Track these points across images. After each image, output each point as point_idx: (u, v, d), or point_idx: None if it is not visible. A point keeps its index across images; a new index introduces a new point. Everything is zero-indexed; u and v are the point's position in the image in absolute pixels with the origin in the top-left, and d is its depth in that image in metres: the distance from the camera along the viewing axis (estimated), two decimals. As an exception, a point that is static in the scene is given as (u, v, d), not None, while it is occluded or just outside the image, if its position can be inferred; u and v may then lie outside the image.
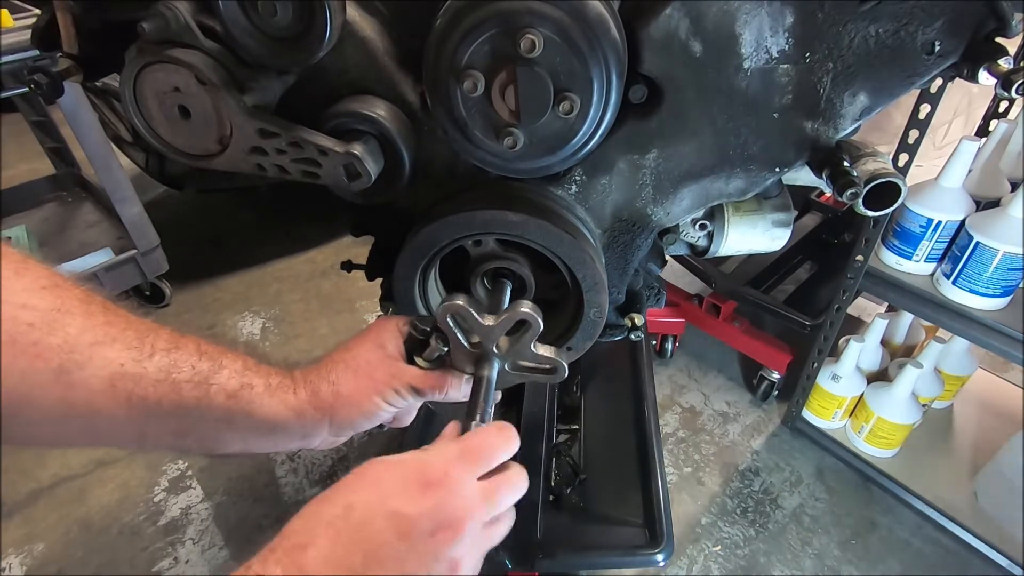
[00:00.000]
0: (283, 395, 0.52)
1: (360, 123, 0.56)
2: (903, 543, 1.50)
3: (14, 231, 1.91)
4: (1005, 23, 0.49)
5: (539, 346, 0.55)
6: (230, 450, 0.52)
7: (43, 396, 0.41)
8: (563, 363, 0.55)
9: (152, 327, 0.47)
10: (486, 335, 0.54)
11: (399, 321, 0.60)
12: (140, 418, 0.45)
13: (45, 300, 0.41)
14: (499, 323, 0.52)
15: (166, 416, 0.46)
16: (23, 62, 1.42)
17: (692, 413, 1.84)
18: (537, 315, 0.52)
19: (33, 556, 1.44)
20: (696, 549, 1.47)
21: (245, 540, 1.49)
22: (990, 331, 1.22)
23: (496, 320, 0.52)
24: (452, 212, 0.59)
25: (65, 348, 0.41)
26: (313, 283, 2.36)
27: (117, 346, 0.44)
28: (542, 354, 0.55)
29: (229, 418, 0.49)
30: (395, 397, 0.56)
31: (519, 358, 0.55)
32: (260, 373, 0.52)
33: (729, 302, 1.81)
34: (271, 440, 0.53)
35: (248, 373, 0.51)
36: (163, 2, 0.48)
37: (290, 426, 0.53)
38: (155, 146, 0.55)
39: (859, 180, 0.53)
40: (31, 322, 0.40)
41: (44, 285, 0.42)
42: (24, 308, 0.40)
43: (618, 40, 0.49)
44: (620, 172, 0.63)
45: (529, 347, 0.54)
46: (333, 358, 0.56)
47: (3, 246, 0.41)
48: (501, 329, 0.53)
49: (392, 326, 0.59)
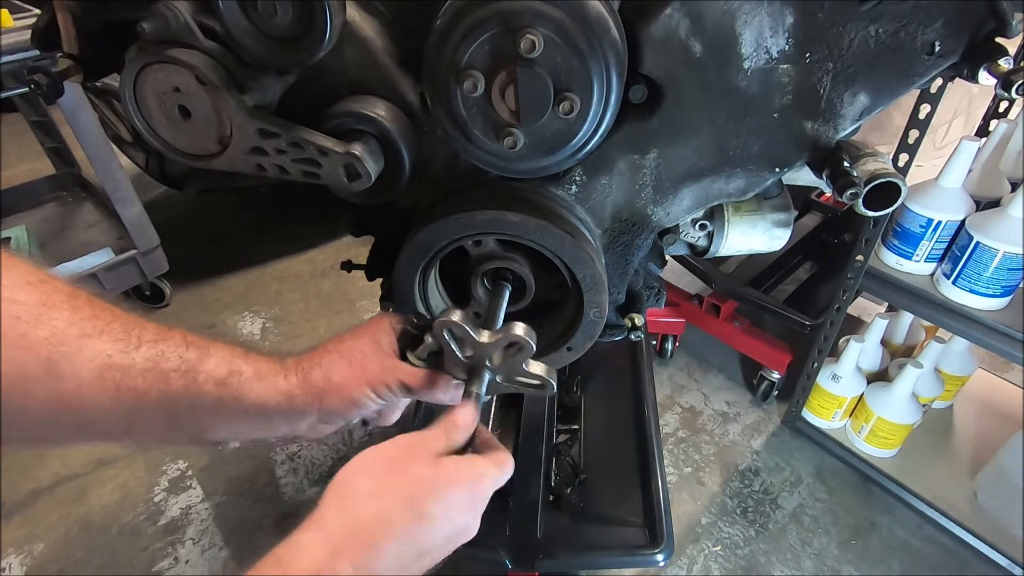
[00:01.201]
0: (273, 380, 0.52)
1: (360, 123, 0.56)
2: (903, 543, 1.50)
3: (14, 231, 1.91)
4: (1005, 23, 0.49)
5: (531, 364, 0.56)
6: (218, 437, 0.52)
7: (33, 390, 0.41)
8: (552, 381, 0.57)
9: (138, 320, 0.47)
10: (480, 350, 0.54)
11: (395, 319, 0.60)
12: (129, 409, 0.45)
13: (31, 295, 0.42)
14: (494, 342, 0.53)
15: (155, 406, 0.46)
16: (23, 62, 1.42)
17: (692, 413, 1.84)
18: (531, 338, 0.53)
19: (33, 556, 1.44)
20: (696, 549, 1.47)
21: (245, 540, 1.49)
22: (990, 331, 1.22)
23: (491, 338, 0.53)
24: (452, 212, 0.59)
25: (53, 340, 0.41)
26: (313, 283, 2.36)
27: (104, 338, 0.44)
28: (533, 372, 0.56)
29: (218, 405, 0.49)
30: (385, 391, 0.55)
31: (511, 373, 0.56)
32: (249, 360, 0.52)
33: (729, 302, 1.81)
34: (260, 426, 0.53)
35: (236, 360, 0.51)
36: (163, 2, 0.48)
37: (280, 411, 0.52)
38: (155, 146, 0.55)
39: (859, 180, 0.53)
40: (18, 315, 0.40)
41: (29, 281, 0.42)
42: (11, 303, 0.40)
43: (618, 40, 0.49)
44: (620, 172, 0.63)
45: (521, 365, 0.55)
46: (327, 347, 0.56)
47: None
48: (495, 347, 0.54)
49: (388, 323, 0.59)
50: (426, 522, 0.43)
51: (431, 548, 0.44)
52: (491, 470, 0.48)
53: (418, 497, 0.43)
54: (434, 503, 0.43)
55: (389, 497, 0.42)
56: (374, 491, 0.43)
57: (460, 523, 0.45)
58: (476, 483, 0.46)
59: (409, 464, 0.45)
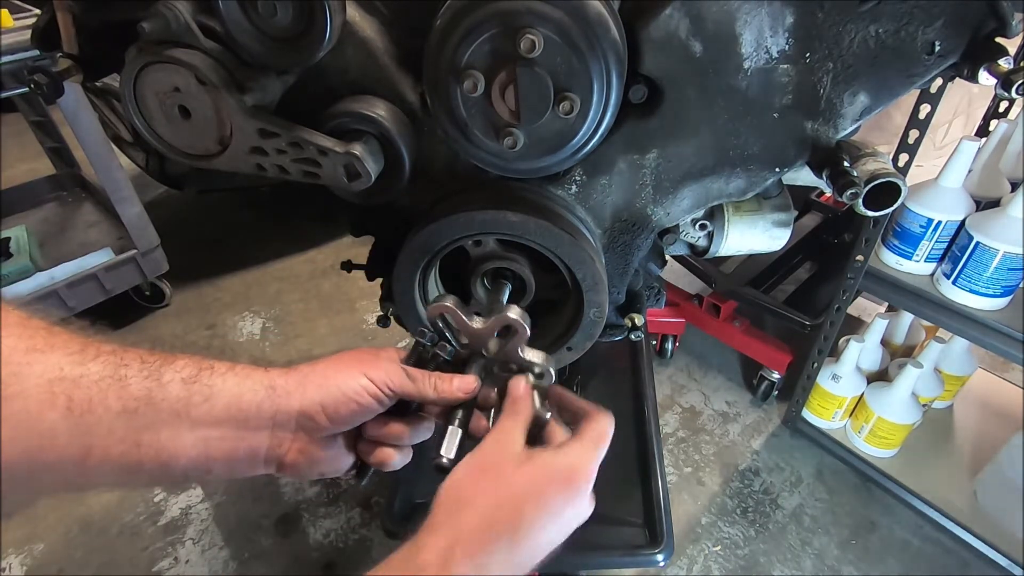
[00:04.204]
0: (249, 372, 0.47)
1: (360, 123, 0.56)
2: (903, 543, 1.50)
3: (14, 231, 1.90)
4: (1005, 23, 0.49)
5: (528, 351, 0.54)
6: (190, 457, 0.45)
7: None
8: (551, 370, 0.55)
9: (98, 340, 0.43)
10: (474, 337, 0.54)
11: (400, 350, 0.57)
12: (83, 428, 0.40)
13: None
14: (486, 326, 0.53)
15: (112, 420, 0.41)
16: (23, 62, 1.42)
17: (692, 413, 1.84)
18: (524, 321, 0.51)
19: (33, 556, 1.44)
20: (696, 549, 1.47)
21: (245, 540, 1.49)
22: (990, 331, 1.22)
23: (483, 323, 0.53)
24: (452, 212, 0.59)
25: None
26: (313, 283, 2.36)
27: (57, 352, 0.40)
28: (530, 359, 0.54)
29: (186, 409, 0.44)
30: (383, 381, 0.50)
31: (507, 360, 0.55)
32: (222, 361, 0.47)
33: (729, 302, 1.81)
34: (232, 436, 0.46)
35: (208, 361, 0.47)
36: (163, 2, 0.48)
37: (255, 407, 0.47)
38: (155, 146, 0.55)
39: (859, 180, 0.53)
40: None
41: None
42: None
43: (618, 40, 0.49)
44: (620, 172, 0.63)
45: (517, 352, 0.54)
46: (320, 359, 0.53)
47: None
48: (489, 332, 0.53)
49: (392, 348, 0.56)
50: (526, 525, 0.43)
51: (538, 545, 0.44)
52: (584, 454, 0.48)
53: (516, 504, 0.43)
54: (532, 508, 0.43)
55: (491, 507, 0.43)
56: (473, 499, 0.43)
57: (566, 515, 0.46)
58: (571, 475, 0.46)
59: (502, 468, 0.45)
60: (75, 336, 0.42)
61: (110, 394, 0.41)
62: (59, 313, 1.75)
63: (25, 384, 0.38)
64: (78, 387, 0.40)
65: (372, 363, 0.51)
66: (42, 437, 0.39)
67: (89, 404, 0.40)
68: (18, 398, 0.37)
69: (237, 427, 0.46)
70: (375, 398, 0.50)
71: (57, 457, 0.40)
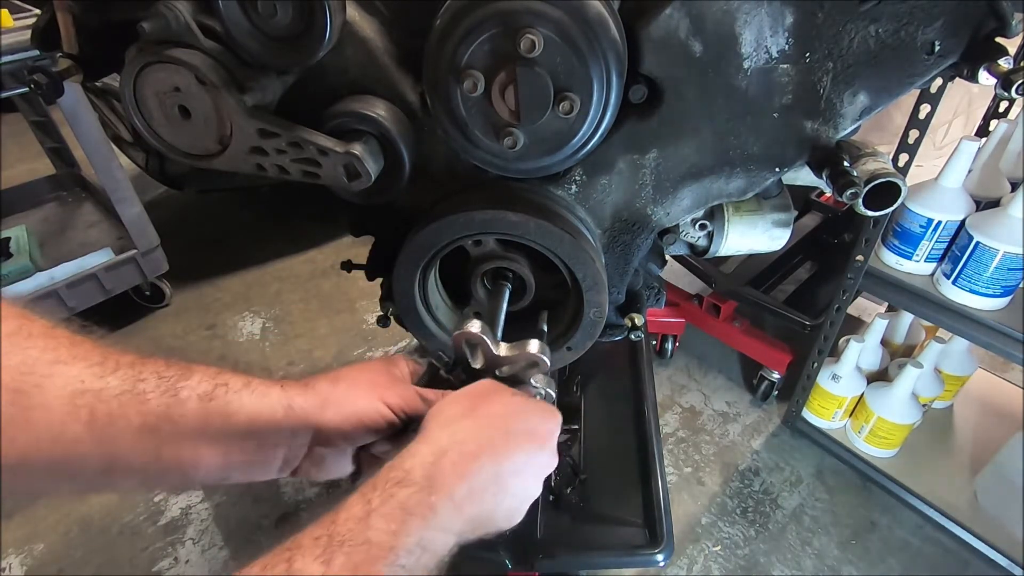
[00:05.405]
0: (265, 390, 0.49)
1: (360, 123, 0.56)
2: (903, 543, 1.50)
3: (14, 231, 1.90)
4: (1005, 23, 0.49)
5: (540, 378, 0.55)
6: (209, 468, 0.47)
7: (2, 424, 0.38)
8: (552, 394, 0.57)
9: (119, 350, 0.45)
10: (493, 361, 0.54)
11: (410, 360, 0.59)
12: (105, 439, 0.41)
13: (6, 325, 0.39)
14: (510, 358, 0.53)
15: (134, 433, 0.42)
16: (23, 62, 1.42)
17: (692, 413, 1.84)
18: (547, 357, 0.53)
19: (33, 556, 1.44)
20: (696, 549, 1.47)
21: (245, 540, 1.49)
22: (990, 331, 1.22)
23: (508, 352, 0.53)
24: (452, 212, 0.59)
25: (23, 369, 0.39)
26: (313, 283, 2.36)
27: (79, 364, 0.41)
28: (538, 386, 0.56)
29: (203, 424, 0.45)
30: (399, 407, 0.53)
31: (516, 383, 0.56)
32: (238, 375, 0.49)
33: (729, 302, 1.81)
34: (250, 449, 0.49)
35: (223, 375, 0.48)
36: (163, 2, 0.48)
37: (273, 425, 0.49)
38: (155, 146, 0.55)
39: (859, 180, 0.53)
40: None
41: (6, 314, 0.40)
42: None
43: (618, 40, 0.49)
44: (620, 172, 0.63)
45: (529, 381, 0.55)
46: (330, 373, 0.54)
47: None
48: (510, 363, 0.54)
49: (402, 360, 0.58)
50: (512, 438, 0.46)
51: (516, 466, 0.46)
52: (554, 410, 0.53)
53: (506, 418, 0.47)
54: (518, 423, 0.47)
55: (482, 418, 0.46)
56: (465, 414, 0.47)
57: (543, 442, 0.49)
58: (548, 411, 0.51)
59: (493, 395, 0.49)
60: (96, 347, 0.43)
61: (130, 409, 0.42)
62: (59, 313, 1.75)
63: (47, 396, 0.39)
64: (100, 400, 0.41)
65: (388, 387, 0.54)
66: (66, 448, 0.40)
67: (110, 417, 0.41)
68: (41, 408, 0.39)
69: (256, 443, 0.49)
70: (390, 423, 0.53)
71: (81, 466, 0.42)
